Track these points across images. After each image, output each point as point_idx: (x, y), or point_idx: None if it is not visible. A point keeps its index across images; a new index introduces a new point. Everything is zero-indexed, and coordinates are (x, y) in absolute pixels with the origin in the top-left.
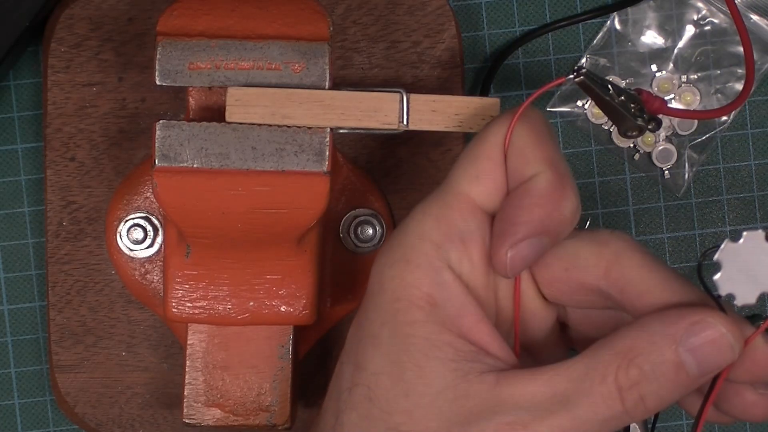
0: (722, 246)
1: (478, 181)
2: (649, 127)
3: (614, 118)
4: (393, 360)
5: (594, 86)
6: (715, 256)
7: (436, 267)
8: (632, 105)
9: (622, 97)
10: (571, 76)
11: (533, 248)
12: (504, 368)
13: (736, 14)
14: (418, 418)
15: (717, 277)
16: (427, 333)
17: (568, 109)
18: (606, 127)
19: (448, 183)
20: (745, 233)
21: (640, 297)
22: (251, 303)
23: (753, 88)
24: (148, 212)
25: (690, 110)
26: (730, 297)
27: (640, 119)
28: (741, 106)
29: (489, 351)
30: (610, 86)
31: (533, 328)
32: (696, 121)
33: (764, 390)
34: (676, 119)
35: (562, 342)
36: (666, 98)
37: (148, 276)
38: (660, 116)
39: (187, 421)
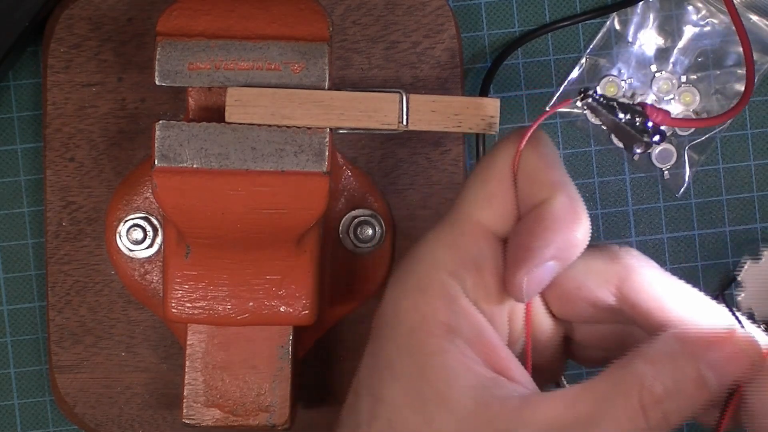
0: (745, 267)
1: (489, 207)
2: (654, 139)
3: (621, 137)
4: (414, 391)
5: (601, 107)
6: (739, 277)
7: (451, 295)
8: (637, 120)
9: (629, 115)
10: (578, 98)
11: (548, 273)
12: (525, 393)
13: (735, 16)
14: None
15: (741, 297)
16: (447, 361)
17: (568, 110)
18: (605, 128)
19: (459, 209)
20: (766, 252)
21: (653, 313)
22: (251, 303)
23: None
24: (147, 212)
25: (692, 119)
26: (751, 313)
27: (645, 135)
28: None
29: (509, 376)
30: (616, 104)
31: (542, 345)
32: None
33: None
34: None
35: (563, 355)
36: (666, 98)
37: (147, 276)
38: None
39: (186, 421)
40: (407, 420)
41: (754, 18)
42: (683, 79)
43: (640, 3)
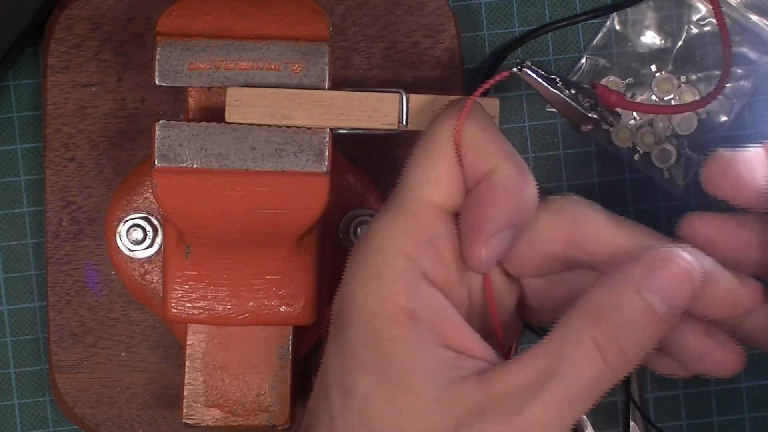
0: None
1: (438, 184)
2: (608, 120)
3: (564, 112)
4: (381, 381)
5: (539, 79)
6: None
7: (410, 279)
8: (587, 99)
9: (572, 90)
10: (515, 69)
11: (505, 241)
12: (486, 367)
13: (717, 9)
14: None
15: None
16: (410, 348)
17: None
18: (606, 127)
19: (407, 190)
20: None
21: (606, 254)
22: (251, 303)
23: (753, 90)
24: (147, 213)
25: (650, 104)
26: None
27: (594, 113)
28: (710, 103)
29: (470, 353)
30: (557, 78)
31: (499, 307)
32: (696, 121)
33: (727, 339)
34: (677, 119)
35: (518, 319)
36: (666, 98)
37: (147, 276)
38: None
39: (186, 421)
40: (378, 410)
41: (754, 18)
42: (683, 79)
43: (640, 3)
